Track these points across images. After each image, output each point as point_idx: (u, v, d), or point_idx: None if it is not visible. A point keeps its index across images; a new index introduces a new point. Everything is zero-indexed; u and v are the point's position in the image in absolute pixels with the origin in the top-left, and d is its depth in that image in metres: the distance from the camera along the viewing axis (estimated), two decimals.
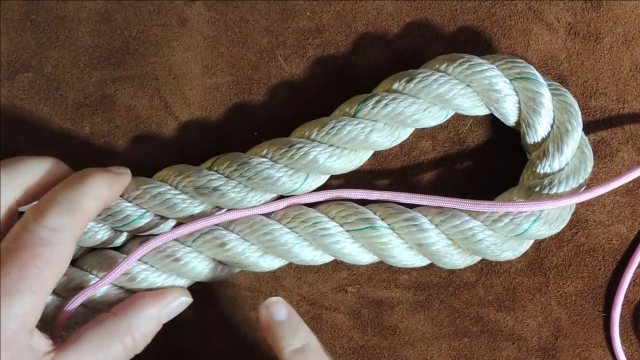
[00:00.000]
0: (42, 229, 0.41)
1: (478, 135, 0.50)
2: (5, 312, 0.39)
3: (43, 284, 0.40)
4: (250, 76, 0.50)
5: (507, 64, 0.46)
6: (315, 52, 0.50)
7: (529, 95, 0.46)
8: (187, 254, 0.46)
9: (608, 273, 0.50)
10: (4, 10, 0.50)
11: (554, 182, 0.45)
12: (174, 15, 0.50)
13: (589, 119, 0.50)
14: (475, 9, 0.50)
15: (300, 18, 0.50)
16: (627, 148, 0.50)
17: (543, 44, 0.50)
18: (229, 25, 0.50)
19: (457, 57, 0.46)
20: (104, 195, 0.43)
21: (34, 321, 0.41)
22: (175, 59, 0.50)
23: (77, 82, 0.50)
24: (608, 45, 0.50)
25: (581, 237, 0.50)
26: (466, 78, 0.46)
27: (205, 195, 0.45)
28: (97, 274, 0.46)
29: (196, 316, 0.49)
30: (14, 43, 0.50)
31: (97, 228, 0.46)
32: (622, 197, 0.50)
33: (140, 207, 0.46)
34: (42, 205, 0.41)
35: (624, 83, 0.50)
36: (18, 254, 0.40)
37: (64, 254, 0.41)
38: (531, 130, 0.46)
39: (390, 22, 0.50)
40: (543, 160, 0.46)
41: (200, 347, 0.49)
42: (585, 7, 0.50)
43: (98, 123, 0.50)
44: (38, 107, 0.49)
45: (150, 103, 0.50)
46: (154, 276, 0.46)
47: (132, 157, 0.49)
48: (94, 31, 0.50)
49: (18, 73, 0.49)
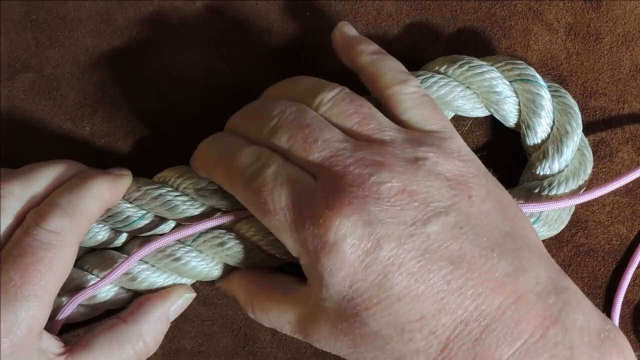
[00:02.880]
0: (44, 232, 0.41)
1: (478, 136, 0.50)
2: (11, 318, 0.39)
3: (47, 287, 0.41)
4: (250, 76, 0.50)
5: (507, 66, 0.46)
6: (315, 52, 0.50)
7: (529, 97, 0.46)
8: (187, 253, 0.46)
9: (608, 273, 0.50)
10: (4, 10, 0.50)
11: (554, 184, 0.45)
12: (174, 15, 0.50)
13: (588, 119, 0.50)
14: (475, 10, 0.50)
15: (300, 18, 0.50)
16: (627, 148, 0.50)
17: (543, 45, 0.50)
18: (229, 25, 0.50)
19: (457, 59, 0.46)
20: (106, 197, 0.43)
21: (41, 324, 0.41)
22: (175, 59, 0.50)
23: (77, 82, 0.50)
24: (608, 45, 0.50)
25: (581, 237, 0.50)
26: (466, 80, 0.46)
27: (206, 197, 0.45)
28: (97, 274, 0.46)
29: (196, 316, 0.49)
30: (14, 43, 0.50)
31: (98, 229, 0.46)
32: (622, 198, 0.50)
33: (141, 208, 0.46)
34: (43, 209, 0.42)
35: (624, 83, 0.50)
36: (20, 259, 0.40)
37: (66, 257, 0.41)
38: (531, 132, 0.46)
39: (390, 22, 0.50)
40: (543, 162, 0.46)
41: (200, 347, 0.49)
42: (585, 7, 0.50)
43: (98, 123, 0.50)
44: (38, 107, 0.49)
45: (150, 103, 0.50)
46: (154, 276, 0.46)
47: (132, 157, 0.49)
48: (94, 31, 0.50)
49: (18, 73, 0.49)
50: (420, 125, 0.42)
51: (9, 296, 0.39)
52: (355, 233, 0.37)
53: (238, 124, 0.45)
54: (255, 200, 0.40)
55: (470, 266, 0.38)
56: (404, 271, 0.37)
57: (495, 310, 0.38)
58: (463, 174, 0.40)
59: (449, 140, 0.41)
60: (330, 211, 0.38)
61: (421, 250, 0.38)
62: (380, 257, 0.37)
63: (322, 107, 0.42)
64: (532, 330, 0.38)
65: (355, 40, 0.46)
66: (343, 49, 0.46)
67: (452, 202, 0.39)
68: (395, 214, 0.38)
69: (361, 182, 0.38)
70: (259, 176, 0.40)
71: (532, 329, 0.38)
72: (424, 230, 0.38)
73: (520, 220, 0.41)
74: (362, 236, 0.37)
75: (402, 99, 0.43)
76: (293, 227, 0.39)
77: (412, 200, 0.38)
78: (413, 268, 0.37)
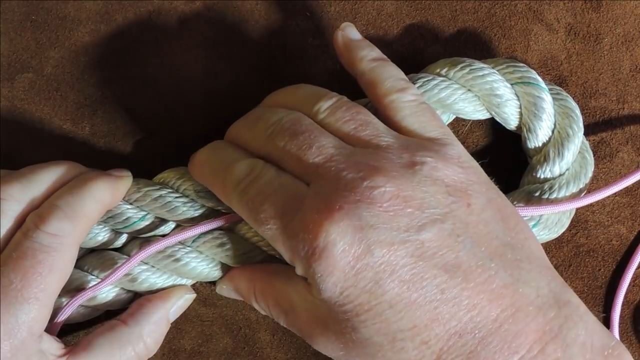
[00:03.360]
0: (44, 235, 0.41)
1: (478, 139, 0.50)
2: (11, 321, 0.40)
3: (47, 290, 0.41)
4: (250, 77, 0.50)
5: (509, 69, 0.46)
6: (315, 52, 0.50)
7: (530, 100, 0.46)
8: (187, 254, 0.46)
9: (608, 274, 0.50)
10: (4, 11, 0.50)
11: (555, 187, 0.45)
12: (174, 15, 0.50)
13: (589, 119, 0.50)
14: (475, 10, 0.50)
15: (300, 18, 0.50)
16: (627, 148, 0.50)
17: (543, 45, 0.50)
18: (229, 25, 0.50)
19: (458, 62, 0.46)
20: (106, 199, 0.43)
21: (42, 326, 0.41)
22: (175, 60, 0.50)
23: (77, 82, 0.50)
24: (608, 45, 0.50)
25: (581, 237, 0.50)
26: (467, 83, 0.46)
27: (206, 198, 0.45)
28: (97, 275, 0.46)
29: (196, 316, 0.49)
30: (14, 43, 0.50)
31: (98, 230, 0.46)
32: (622, 198, 0.50)
33: (141, 210, 0.46)
34: (43, 211, 0.41)
35: (624, 83, 0.50)
36: (20, 262, 0.40)
37: (66, 259, 0.41)
38: (532, 135, 0.46)
39: (390, 23, 0.50)
40: (544, 165, 0.46)
41: (200, 348, 0.49)
42: (585, 7, 0.50)
43: (98, 123, 0.49)
44: (38, 108, 0.49)
45: (150, 103, 0.50)
46: (154, 277, 0.46)
47: (132, 158, 0.49)
48: (94, 31, 0.50)
49: (18, 73, 0.49)
50: (419, 133, 0.42)
51: (9, 299, 0.40)
52: (346, 238, 0.37)
53: (236, 133, 0.45)
54: (248, 212, 0.40)
55: (466, 276, 0.37)
56: (396, 278, 0.37)
57: (491, 323, 0.37)
58: (462, 181, 0.40)
59: (448, 146, 0.41)
60: (320, 216, 0.37)
61: (414, 257, 0.37)
62: (371, 263, 0.37)
63: (319, 115, 0.42)
64: (530, 344, 0.37)
65: (356, 44, 0.45)
66: (344, 52, 0.46)
67: (450, 209, 0.38)
68: (388, 220, 0.37)
69: (354, 186, 0.38)
70: (251, 188, 0.40)
71: (530, 343, 0.37)
72: (418, 237, 0.37)
73: (522, 230, 0.40)
74: (352, 241, 0.37)
75: (401, 107, 0.42)
76: (284, 235, 0.39)
77: (406, 205, 0.38)
78: (405, 275, 0.37)
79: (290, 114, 0.42)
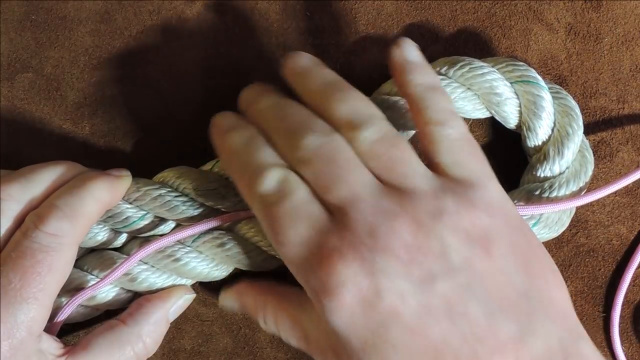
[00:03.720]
0: (43, 235, 0.41)
1: (478, 138, 0.49)
2: (10, 321, 0.40)
3: (46, 290, 0.41)
4: (250, 77, 0.50)
5: (508, 67, 0.46)
6: (315, 52, 0.50)
7: (529, 98, 0.46)
8: (187, 254, 0.46)
9: (608, 273, 0.50)
10: (4, 10, 0.50)
11: (555, 186, 0.45)
12: (174, 15, 0.50)
13: (589, 119, 0.50)
14: (475, 10, 0.50)
15: (300, 18, 0.50)
16: (627, 148, 0.50)
17: (543, 44, 0.50)
18: (229, 25, 0.50)
19: (458, 60, 0.46)
20: (105, 199, 0.43)
21: (41, 326, 0.41)
22: (175, 59, 0.50)
23: (77, 82, 0.50)
24: (608, 45, 0.50)
25: (581, 237, 0.50)
26: (467, 81, 0.46)
27: (206, 197, 0.45)
28: (97, 275, 0.46)
29: (196, 316, 0.49)
30: (14, 43, 0.50)
31: (97, 229, 0.46)
32: (622, 198, 0.50)
33: (141, 209, 0.46)
34: (42, 211, 0.41)
35: (624, 83, 0.50)
36: (19, 262, 0.40)
37: (65, 259, 0.41)
38: (532, 133, 0.46)
39: (390, 23, 0.50)
40: (543, 164, 0.46)
41: (200, 347, 0.49)
42: (585, 7, 0.50)
43: (98, 123, 0.49)
44: (38, 107, 0.49)
45: (150, 103, 0.50)
46: (154, 276, 0.46)
47: (132, 157, 0.49)
48: (94, 31, 0.50)
49: (18, 73, 0.49)
50: (453, 171, 0.41)
51: (8, 299, 0.40)
52: (356, 281, 0.37)
53: (264, 114, 0.44)
54: (268, 227, 0.40)
55: (472, 327, 0.37)
56: (402, 325, 0.37)
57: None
58: (486, 227, 0.39)
59: (479, 189, 0.40)
60: (335, 256, 0.37)
61: (422, 306, 0.37)
62: (379, 307, 0.37)
63: (359, 143, 0.41)
64: None
65: (411, 67, 0.44)
66: (397, 72, 0.44)
67: (467, 260, 0.38)
68: (401, 268, 0.37)
69: (372, 230, 0.38)
70: (279, 206, 0.39)
71: None
72: (430, 288, 0.37)
73: (544, 275, 0.39)
74: (362, 285, 0.37)
75: (439, 140, 0.41)
76: (300, 263, 0.39)
77: (422, 256, 0.37)
78: (411, 323, 0.37)
79: (333, 141, 0.41)
